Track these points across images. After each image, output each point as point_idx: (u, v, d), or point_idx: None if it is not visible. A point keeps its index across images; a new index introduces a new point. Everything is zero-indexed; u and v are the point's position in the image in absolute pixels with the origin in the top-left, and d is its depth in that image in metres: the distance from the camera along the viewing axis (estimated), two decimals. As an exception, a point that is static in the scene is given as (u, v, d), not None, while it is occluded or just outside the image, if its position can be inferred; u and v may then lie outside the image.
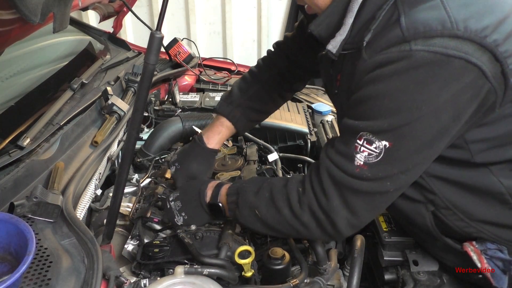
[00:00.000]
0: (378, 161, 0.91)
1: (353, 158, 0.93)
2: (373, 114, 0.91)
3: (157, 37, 0.92)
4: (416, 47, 0.84)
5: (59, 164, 1.28)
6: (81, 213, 1.18)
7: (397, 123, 0.88)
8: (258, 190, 1.09)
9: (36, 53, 1.81)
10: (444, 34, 0.83)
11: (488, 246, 1.02)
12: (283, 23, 4.19)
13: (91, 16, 3.84)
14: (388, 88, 0.88)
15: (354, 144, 0.93)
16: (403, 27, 0.86)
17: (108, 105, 1.60)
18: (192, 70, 2.30)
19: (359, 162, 0.93)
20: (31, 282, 0.88)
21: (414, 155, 0.92)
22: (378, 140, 0.90)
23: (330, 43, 1.01)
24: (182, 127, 1.81)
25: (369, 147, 0.91)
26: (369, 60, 0.92)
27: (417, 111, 0.86)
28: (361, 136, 0.92)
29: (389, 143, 0.89)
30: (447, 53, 0.82)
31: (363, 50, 0.94)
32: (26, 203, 1.06)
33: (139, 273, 1.11)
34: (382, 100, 0.89)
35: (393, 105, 0.88)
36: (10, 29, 1.07)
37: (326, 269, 1.14)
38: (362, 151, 0.92)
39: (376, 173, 0.92)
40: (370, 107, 0.92)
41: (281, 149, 1.87)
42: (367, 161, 0.92)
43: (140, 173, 1.61)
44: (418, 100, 0.86)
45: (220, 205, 1.16)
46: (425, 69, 0.84)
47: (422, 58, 0.83)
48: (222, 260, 1.08)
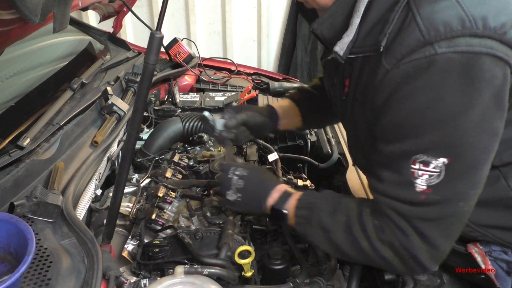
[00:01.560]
0: (441, 180, 0.86)
1: (413, 185, 0.87)
2: (419, 131, 0.86)
3: (157, 37, 0.92)
4: (442, 49, 0.81)
5: (59, 164, 1.28)
6: (81, 213, 1.18)
7: (448, 133, 0.84)
8: (334, 212, 1.01)
9: (36, 53, 1.81)
10: (464, 34, 0.81)
11: (493, 248, 1.02)
12: (283, 23, 4.19)
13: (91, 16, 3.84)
14: (427, 100, 0.84)
15: (409, 170, 0.87)
16: (422, 29, 0.83)
17: (108, 105, 1.60)
18: (192, 70, 2.30)
19: (421, 188, 0.87)
20: (31, 282, 0.88)
21: (476, 163, 0.87)
22: (435, 159, 0.85)
23: (337, 45, 0.96)
24: (182, 127, 1.81)
25: (427, 169, 0.86)
26: (392, 70, 0.87)
27: (463, 115, 0.83)
28: (415, 160, 0.86)
29: (447, 158, 0.85)
30: (474, 51, 0.80)
31: (382, 57, 0.89)
32: (26, 203, 1.06)
33: (139, 273, 1.11)
34: (424, 114, 0.85)
35: (437, 116, 0.84)
36: (10, 29, 1.07)
37: (326, 269, 1.14)
38: (421, 175, 0.87)
39: (445, 194, 0.87)
40: (413, 125, 0.87)
41: (281, 149, 1.87)
42: (430, 184, 0.86)
43: (140, 173, 1.61)
44: (460, 104, 0.83)
45: (285, 212, 1.09)
46: (458, 72, 0.81)
47: (452, 61, 0.81)
48: (222, 260, 1.08)
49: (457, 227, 0.93)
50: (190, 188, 1.48)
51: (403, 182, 0.89)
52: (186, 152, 1.73)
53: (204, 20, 4.20)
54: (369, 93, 0.94)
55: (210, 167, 1.55)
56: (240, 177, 1.16)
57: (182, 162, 1.61)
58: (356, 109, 1.04)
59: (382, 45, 0.89)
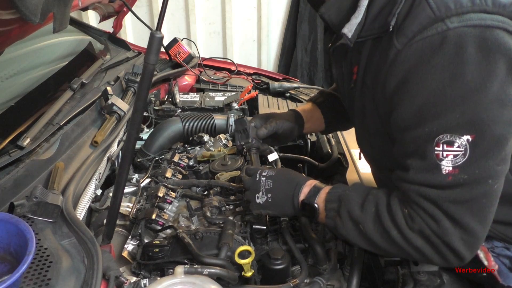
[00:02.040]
0: (467, 159, 0.84)
1: (439, 167, 0.86)
2: (440, 111, 0.84)
3: (157, 37, 0.92)
4: (454, 24, 0.81)
5: (59, 164, 1.27)
6: (81, 213, 1.18)
7: (469, 109, 0.82)
8: (363, 203, 0.99)
9: (36, 53, 1.81)
10: (474, 10, 0.81)
11: (495, 244, 1.02)
12: (283, 23, 4.19)
13: (91, 16, 3.84)
14: (445, 78, 0.83)
15: (433, 153, 0.86)
16: (433, 6, 0.83)
17: (108, 105, 1.60)
18: (192, 70, 2.30)
19: (447, 169, 0.85)
20: (31, 282, 0.88)
21: (501, 137, 0.84)
22: (458, 137, 0.83)
23: (345, 27, 0.95)
24: (182, 127, 1.81)
25: (452, 149, 0.84)
26: (404, 50, 0.86)
27: (483, 89, 0.81)
28: (438, 141, 0.85)
29: (471, 135, 0.83)
30: (486, 24, 0.81)
31: (394, 37, 0.88)
32: (26, 203, 1.06)
33: (139, 273, 1.11)
34: (443, 92, 0.83)
35: (457, 93, 0.82)
36: (10, 29, 1.07)
37: (326, 269, 1.14)
38: (445, 156, 0.85)
39: (472, 172, 0.85)
40: (433, 105, 0.85)
41: (281, 149, 1.87)
42: (455, 164, 0.84)
43: (140, 173, 1.61)
44: (479, 78, 0.81)
45: (316, 206, 1.06)
46: (472, 46, 0.81)
47: (465, 35, 0.81)
48: (222, 260, 1.08)
49: (490, 209, 0.89)
50: (190, 188, 1.48)
51: (429, 166, 0.87)
52: (186, 152, 1.73)
53: (204, 20, 4.20)
54: (380, 77, 0.92)
55: (210, 167, 1.55)
56: (268, 178, 1.14)
57: (182, 162, 1.61)
58: (365, 97, 1.03)
59: (391, 25, 0.88)
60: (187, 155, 1.68)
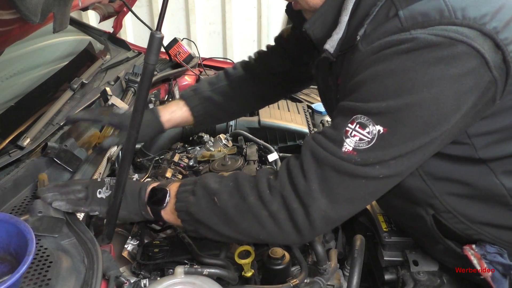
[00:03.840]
0: (369, 147, 0.86)
1: (342, 143, 0.88)
2: (372, 96, 0.87)
3: (157, 37, 0.92)
4: (416, 32, 0.83)
5: (42, 177, 1.19)
6: (81, 213, 1.18)
7: (396, 105, 0.84)
8: (221, 180, 1.00)
9: (36, 53, 1.81)
10: (442, 23, 0.82)
11: (488, 249, 1.02)
12: (283, 23, 4.18)
13: (91, 16, 3.84)
14: (389, 69, 0.85)
15: (345, 128, 0.88)
16: (402, 19, 0.85)
17: (108, 106, 1.60)
18: (192, 70, 2.30)
19: (347, 148, 0.87)
20: (31, 282, 0.88)
21: (409, 142, 0.86)
22: (373, 124, 0.85)
23: (327, 43, 0.98)
24: (182, 127, 1.81)
25: (361, 132, 0.86)
26: (366, 49, 0.89)
27: (418, 94, 0.83)
28: (354, 120, 0.87)
29: (384, 128, 0.85)
30: (449, 36, 0.81)
31: (358, 43, 0.92)
32: (30, 218, 1.01)
33: (139, 273, 1.12)
34: (382, 81, 0.86)
35: (394, 86, 0.84)
36: (10, 29, 1.07)
37: (326, 269, 1.14)
38: (353, 135, 0.87)
39: (366, 159, 0.87)
40: (369, 88, 0.87)
41: (281, 149, 1.87)
42: (357, 147, 0.87)
43: (140, 173, 1.61)
44: (420, 82, 0.83)
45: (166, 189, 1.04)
46: (427, 51, 0.82)
47: (425, 40, 0.82)
48: (222, 260, 1.08)
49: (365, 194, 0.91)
50: (190, 188, 1.48)
51: (334, 137, 0.89)
52: (186, 152, 1.73)
53: (204, 20, 4.20)
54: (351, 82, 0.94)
55: (210, 167, 1.55)
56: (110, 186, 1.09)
57: (182, 162, 1.61)
58: None
59: (359, 35, 0.92)
60: (187, 155, 1.68)
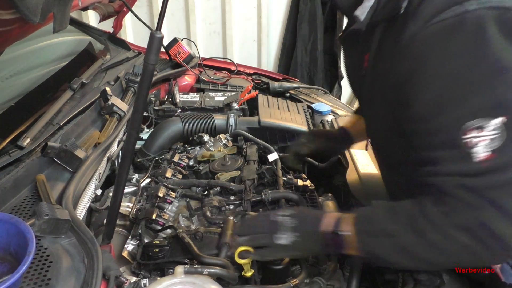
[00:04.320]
0: (505, 141, 0.78)
1: (471, 156, 0.79)
2: (464, 95, 0.80)
3: (157, 37, 0.92)
4: (472, 7, 0.79)
5: (40, 177, 1.19)
6: (81, 213, 1.18)
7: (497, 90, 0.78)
8: (393, 216, 0.92)
9: (36, 53, 1.81)
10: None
11: None
12: (283, 23, 4.19)
13: (91, 16, 3.84)
14: (466, 60, 0.79)
15: (461, 142, 0.79)
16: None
17: (108, 106, 1.60)
18: (192, 70, 2.30)
19: (482, 156, 0.78)
20: (31, 282, 0.88)
21: None
22: (489, 121, 0.78)
23: (358, 9, 0.93)
24: (182, 127, 1.81)
25: (483, 134, 0.78)
26: (420, 33, 0.83)
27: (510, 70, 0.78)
28: (466, 128, 0.79)
29: (505, 116, 0.77)
30: (505, 6, 0.79)
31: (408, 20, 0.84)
32: (37, 222, 1.00)
33: (139, 273, 1.11)
34: (465, 76, 0.80)
35: (481, 75, 0.79)
36: (10, 29, 1.07)
37: (326, 269, 1.14)
38: (477, 142, 0.78)
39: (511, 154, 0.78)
40: (455, 90, 0.81)
41: (281, 149, 1.87)
42: (493, 148, 0.78)
43: (140, 173, 1.61)
44: (503, 58, 0.78)
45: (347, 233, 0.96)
46: (492, 27, 0.78)
47: (485, 17, 0.78)
48: (222, 260, 1.08)
49: None
50: (190, 188, 1.48)
51: (461, 156, 0.81)
52: (186, 152, 1.73)
53: (204, 20, 4.19)
54: (393, 62, 0.89)
55: (210, 167, 1.55)
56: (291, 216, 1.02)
57: (182, 162, 1.61)
58: (375, 84, 1.00)
59: (403, 7, 0.86)
60: (187, 155, 1.68)
